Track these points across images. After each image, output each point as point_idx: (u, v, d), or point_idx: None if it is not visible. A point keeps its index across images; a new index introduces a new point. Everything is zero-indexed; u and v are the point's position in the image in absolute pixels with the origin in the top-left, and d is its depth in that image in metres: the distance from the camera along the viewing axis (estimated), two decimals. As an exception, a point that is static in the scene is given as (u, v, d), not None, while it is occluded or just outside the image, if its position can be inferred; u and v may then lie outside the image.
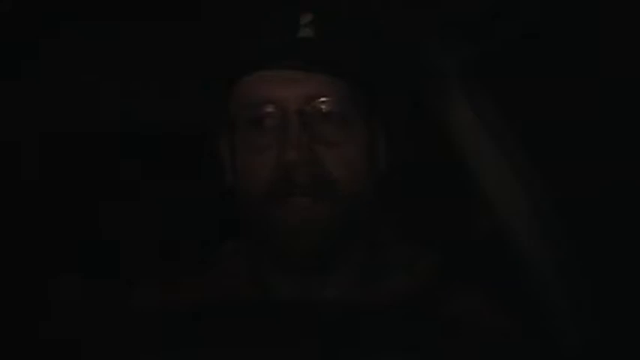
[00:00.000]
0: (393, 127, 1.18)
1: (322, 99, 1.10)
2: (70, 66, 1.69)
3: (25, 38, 1.64)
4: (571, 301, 1.54)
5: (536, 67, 1.60)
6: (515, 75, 1.58)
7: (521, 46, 1.58)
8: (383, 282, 1.15)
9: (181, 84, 1.65)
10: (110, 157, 1.69)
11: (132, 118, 1.68)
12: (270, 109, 1.10)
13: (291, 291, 1.12)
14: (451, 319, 1.13)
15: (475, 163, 1.56)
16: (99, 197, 1.69)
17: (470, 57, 1.57)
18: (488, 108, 1.56)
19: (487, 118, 1.56)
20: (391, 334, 1.10)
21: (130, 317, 1.17)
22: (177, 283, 1.17)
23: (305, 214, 1.08)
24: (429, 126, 1.56)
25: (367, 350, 1.08)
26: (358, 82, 1.13)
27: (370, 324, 1.10)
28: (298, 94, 1.10)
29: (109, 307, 1.27)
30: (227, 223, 1.16)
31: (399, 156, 1.19)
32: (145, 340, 1.14)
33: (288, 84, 1.10)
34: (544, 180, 1.56)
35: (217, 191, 1.17)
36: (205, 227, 1.59)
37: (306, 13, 1.12)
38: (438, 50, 1.55)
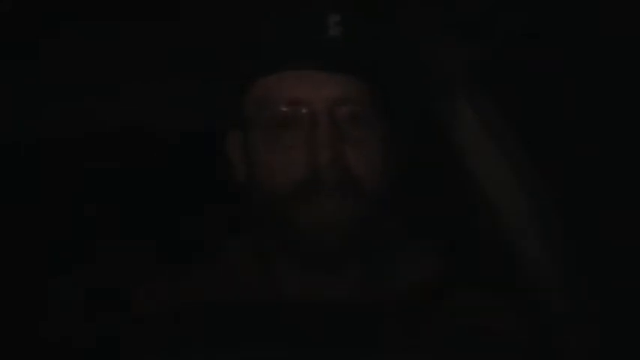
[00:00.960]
0: (402, 127, 1.19)
1: (348, 100, 1.11)
2: (70, 66, 1.69)
3: (25, 38, 1.64)
4: (570, 301, 1.54)
5: (536, 67, 1.60)
6: (516, 75, 1.58)
7: (521, 46, 1.58)
8: (387, 281, 1.15)
9: (185, 83, 1.65)
10: (111, 157, 1.69)
11: (133, 117, 1.68)
12: (299, 109, 1.10)
13: (299, 289, 1.12)
14: (454, 319, 1.13)
15: (476, 163, 1.56)
16: (100, 197, 1.69)
17: (470, 57, 1.57)
18: (489, 108, 1.57)
19: (488, 118, 1.56)
20: (395, 333, 1.10)
21: (133, 317, 1.17)
22: (183, 282, 1.18)
23: (330, 213, 1.08)
24: (431, 125, 1.56)
25: (372, 350, 1.09)
26: (377, 82, 1.14)
27: (375, 323, 1.10)
28: (326, 95, 1.10)
29: (112, 307, 1.27)
30: (231, 221, 1.16)
31: (404, 155, 1.20)
32: (148, 340, 1.14)
33: (316, 85, 1.10)
34: (544, 180, 1.56)
35: (224, 189, 1.17)
36: (208, 225, 1.59)
37: (334, 13, 1.12)
38: (441, 50, 1.55)
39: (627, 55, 1.58)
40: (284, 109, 1.10)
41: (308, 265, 1.12)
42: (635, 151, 1.57)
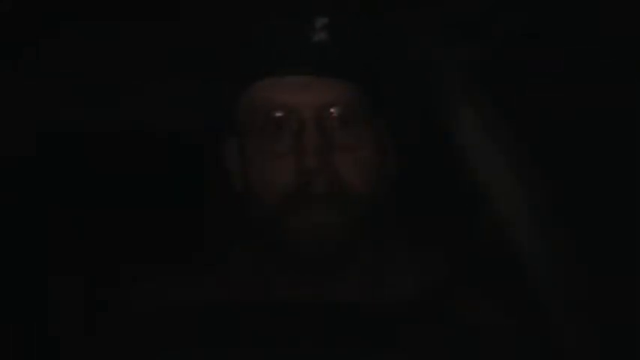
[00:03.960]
0: (400, 129, 1.18)
1: (337, 105, 1.10)
2: (70, 66, 1.69)
3: (25, 38, 1.64)
4: (570, 301, 1.54)
5: (536, 67, 1.60)
6: (516, 75, 1.59)
7: (521, 46, 1.58)
8: (390, 285, 1.15)
9: (184, 85, 1.65)
10: (111, 157, 1.70)
11: (133, 118, 1.68)
12: (286, 116, 1.10)
13: (298, 293, 1.12)
14: (456, 322, 1.13)
15: (476, 163, 1.56)
16: (100, 198, 1.69)
17: (470, 57, 1.57)
18: (489, 108, 1.57)
19: (488, 118, 1.56)
20: (397, 336, 1.10)
21: (131, 317, 1.17)
22: (181, 284, 1.18)
23: (320, 222, 1.08)
24: (431, 126, 1.56)
25: (371, 350, 1.09)
26: (369, 85, 1.13)
27: (376, 327, 1.11)
28: (314, 101, 1.09)
29: (111, 307, 1.27)
30: (232, 225, 1.16)
31: (404, 159, 1.19)
32: (145, 340, 1.14)
33: (304, 90, 1.09)
34: (544, 180, 1.57)
35: (223, 194, 1.17)
36: (210, 228, 1.59)
37: (321, 16, 1.11)
38: (440, 51, 1.55)
39: (627, 55, 1.58)
40: (271, 116, 1.10)
41: (300, 271, 1.12)
42: (635, 151, 1.58)
